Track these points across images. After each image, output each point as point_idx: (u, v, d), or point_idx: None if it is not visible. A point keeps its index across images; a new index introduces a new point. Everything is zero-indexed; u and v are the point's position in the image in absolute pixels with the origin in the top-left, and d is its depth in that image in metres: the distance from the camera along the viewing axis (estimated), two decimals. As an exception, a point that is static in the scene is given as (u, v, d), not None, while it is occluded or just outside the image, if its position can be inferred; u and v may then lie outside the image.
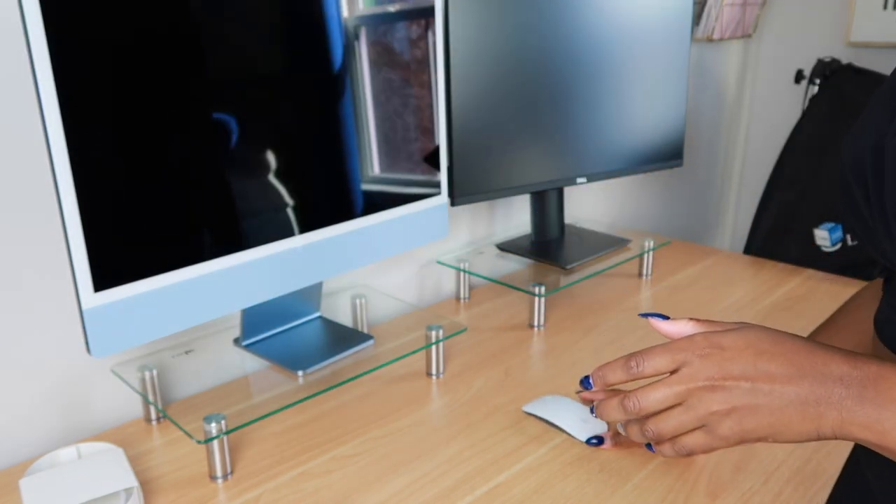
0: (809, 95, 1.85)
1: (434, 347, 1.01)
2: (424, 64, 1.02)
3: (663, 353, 0.49)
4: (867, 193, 0.47)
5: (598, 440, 0.81)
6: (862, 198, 0.48)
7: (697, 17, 1.83)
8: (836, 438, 0.44)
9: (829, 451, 0.84)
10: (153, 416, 0.92)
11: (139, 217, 0.75)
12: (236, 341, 0.98)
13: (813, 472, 0.81)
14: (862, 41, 1.85)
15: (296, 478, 0.81)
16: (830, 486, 0.76)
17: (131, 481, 0.74)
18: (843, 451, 0.82)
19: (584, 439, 0.85)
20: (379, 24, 0.95)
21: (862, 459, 0.59)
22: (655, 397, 0.48)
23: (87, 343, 0.73)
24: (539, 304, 1.17)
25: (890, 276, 0.54)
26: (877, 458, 0.53)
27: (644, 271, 1.40)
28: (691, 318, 0.52)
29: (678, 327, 0.52)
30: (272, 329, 1.00)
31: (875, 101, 0.51)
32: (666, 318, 0.53)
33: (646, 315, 0.55)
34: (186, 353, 0.99)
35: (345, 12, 0.89)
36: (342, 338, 1.01)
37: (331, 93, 0.90)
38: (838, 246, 1.78)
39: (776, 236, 1.87)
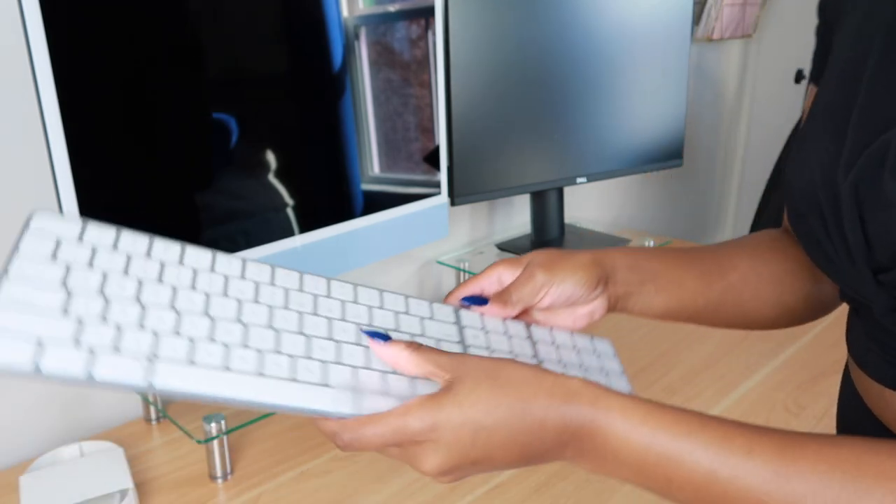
0: (809, 95, 1.85)
1: (434, 347, 1.01)
2: (424, 64, 1.02)
3: (377, 445, 0.45)
4: (825, 226, 0.46)
5: None
6: (820, 229, 0.47)
7: (697, 17, 1.83)
8: None
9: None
10: (153, 415, 0.92)
11: (139, 217, 0.74)
12: (236, 341, 0.98)
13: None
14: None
15: (296, 478, 0.81)
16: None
17: (127, 483, 0.74)
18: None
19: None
20: (379, 23, 0.95)
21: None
22: (371, 447, 0.45)
23: (86, 343, 0.73)
24: (539, 304, 1.17)
25: (857, 305, 0.52)
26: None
27: (644, 271, 1.40)
28: (409, 344, 0.47)
29: (393, 353, 0.47)
30: (272, 329, 1.00)
31: (812, 125, 0.49)
32: (387, 337, 0.48)
33: (366, 332, 0.49)
34: (186, 352, 0.98)
35: (345, 12, 0.89)
36: (342, 338, 1.01)
37: (331, 92, 0.90)
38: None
39: (776, 236, 1.87)
